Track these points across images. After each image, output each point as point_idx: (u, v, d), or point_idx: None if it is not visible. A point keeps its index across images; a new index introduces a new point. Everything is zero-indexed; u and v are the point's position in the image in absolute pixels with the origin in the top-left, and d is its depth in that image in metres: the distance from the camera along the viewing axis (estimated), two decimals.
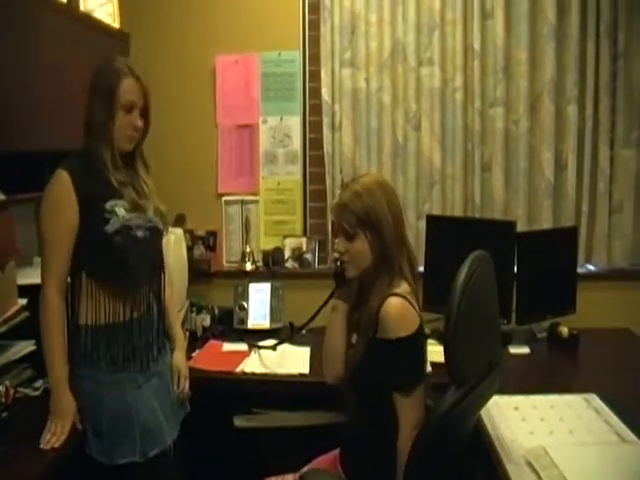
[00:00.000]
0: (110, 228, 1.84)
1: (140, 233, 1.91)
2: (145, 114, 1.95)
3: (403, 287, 1.80)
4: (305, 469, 2.03)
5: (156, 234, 2.01)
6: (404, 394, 1.76)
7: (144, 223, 1.93)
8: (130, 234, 1.88)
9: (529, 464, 1.69)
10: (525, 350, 2.70)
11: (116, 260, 1.86)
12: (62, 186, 1.81)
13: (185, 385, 2.14)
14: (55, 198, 1.83)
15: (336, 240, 1.90)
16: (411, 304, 1.78)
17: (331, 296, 2.03)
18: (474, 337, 1.65)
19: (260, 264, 3.27)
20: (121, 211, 1.87)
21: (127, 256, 1.87)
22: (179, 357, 2.16)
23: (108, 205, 1.85)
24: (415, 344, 1.78)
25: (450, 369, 1.61)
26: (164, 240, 2.10)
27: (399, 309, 1.74)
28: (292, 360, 2.61)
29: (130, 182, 1.94)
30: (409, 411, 1.75)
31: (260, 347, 2.72)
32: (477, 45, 3.00)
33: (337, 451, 2.03)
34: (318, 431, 2.20)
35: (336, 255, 1.95)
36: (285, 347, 2.75)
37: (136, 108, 1.91)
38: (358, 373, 1.84)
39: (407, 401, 1.75)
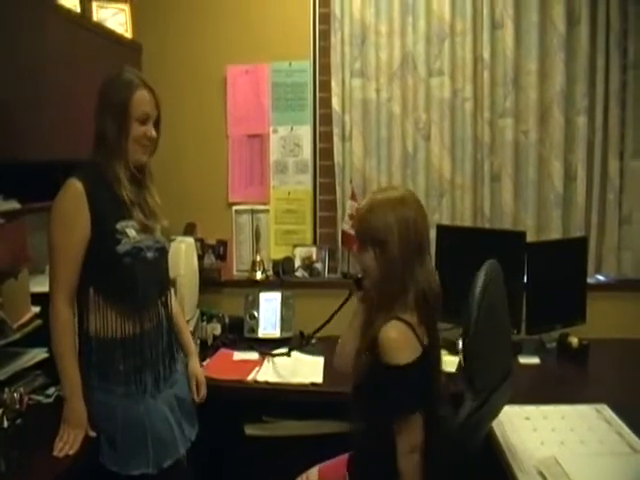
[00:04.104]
0: (121, 248, 1.84)
1: (150, 254, 1.92)
2: (157, 125, 1.95)
3: (409, 315, 1.75)
4: (314, 471, 2.04)
5: (164, 254, 2.03)
6: (397, 420, 1.72)
7: (153, 244, 1.94)
8: (140, 255, 1.88)
9: (540, 474, 1.69)
10: (535, 360, 2.69)
11: (125, 280, 1.86)
12: (76, 197, 1.80)
13: (204, 392, 2.16)
14: (68, 209, 1.81)
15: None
16: (415, 332, 1.72)
17: (344, 303, 2.03)
18: (490, 346, 1.65)
19: (270, 273, 3.28)
20: (132, 232, 1.87)
21: (136, 277, 1.88)
22: (194, 364, 2.18)
23: (119, 225, 1.85)
24: (413, 374, 1.70)
25: (468, 379, 1.61)
26: (175, 249, 2.11)
27: (398, 335, 1.70)
28: (305, 369, 2.61)
29: (138, 201, 1.92)
30: (403, 436, 1.71)
31: (274, 355, 2.72)
32: (487, 55, 3.01)
33: (344, 456, 2.02)
34: (329, 440, 2.19)
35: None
36: (299, 356, 2.76)
37: (150, 119, 1.90)
38: (360, 391, 1.83)
39: (402, 426, 1.72)
